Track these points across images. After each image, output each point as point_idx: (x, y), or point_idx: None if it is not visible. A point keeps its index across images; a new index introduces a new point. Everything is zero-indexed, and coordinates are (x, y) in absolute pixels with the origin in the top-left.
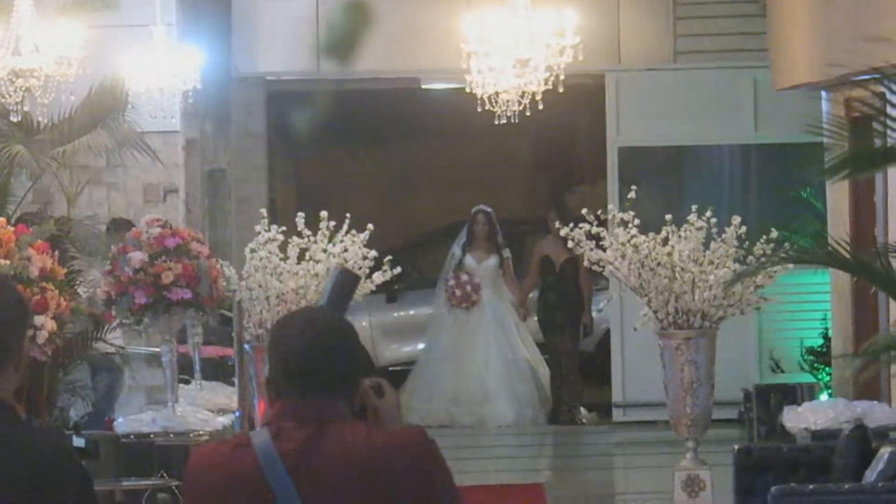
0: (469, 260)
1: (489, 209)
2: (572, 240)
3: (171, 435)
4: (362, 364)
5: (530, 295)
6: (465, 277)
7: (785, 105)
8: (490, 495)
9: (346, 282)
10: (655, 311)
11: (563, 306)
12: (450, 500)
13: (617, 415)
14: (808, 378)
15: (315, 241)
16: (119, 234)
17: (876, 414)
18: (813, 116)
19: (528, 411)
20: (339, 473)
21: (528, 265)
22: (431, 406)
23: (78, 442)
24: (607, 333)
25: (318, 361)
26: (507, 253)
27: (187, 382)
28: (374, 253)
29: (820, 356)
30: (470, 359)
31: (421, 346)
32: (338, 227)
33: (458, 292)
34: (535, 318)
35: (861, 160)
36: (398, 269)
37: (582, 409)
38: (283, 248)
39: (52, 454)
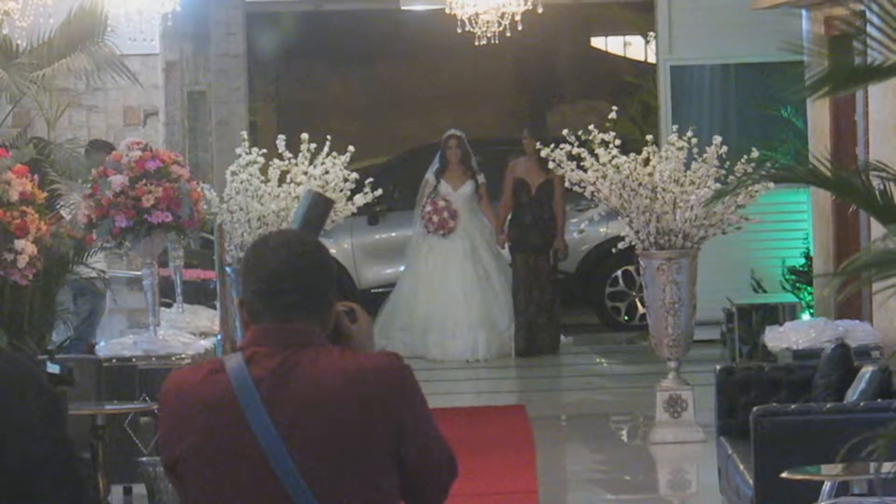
0: (444, 187)
1: (461, 133)
2: (553, 161)
3: (153, 358)
4: (336, 286)
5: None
6: (442, 203)
7: (765, 23)
8: (470, 417)
9: (319, 206)
10: (637, 232)
11: (538, 229)
12: (424, 426)
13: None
14: (789, 298)
15: (296, 164)
16: (98, 155)
17: (858, 333)
18: (793, 35)
19: (507, 342)
20: (313, 398)
21: (502, 188)
22: (406, 335)
23: (52, 368)
24: (588, 254)
25: (292, 282)
26: (482, 178)
27: (169, 306)
28: (354, 175)
29: (801, 276)
30: (447, 288)
31: (403, 267)
32: (318, 150)
33: (434, 218)
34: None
35: (842, 77)
36: (379, 191)
37: (561, 336)
38: (263, 170)
39: (14, 376)
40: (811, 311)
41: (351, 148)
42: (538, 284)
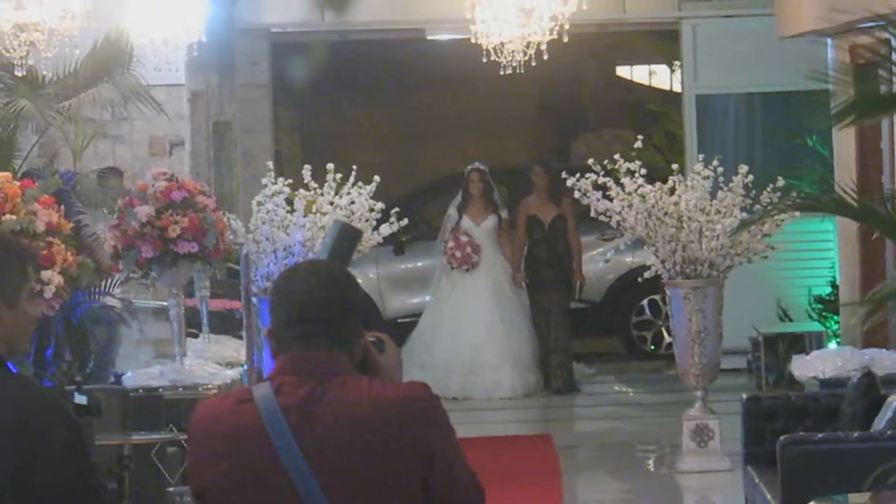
0: (466, 222)
1: (484, 167)
2: (578, 190)
3: (180, 388)
4: (364, 316)
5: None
6: (464, 238)
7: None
8: (497, 446)
9: (347, 236)
10: (663, 261)
11: (553, 265)
12: (452, 456)
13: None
14: (816, 326)
15: (322, 194)
16: (109, 182)
17: (884, 361)
18: (818, 63)
19: (531, 377)
20: (341, 428)
21: (515, 227)
22: (426, 373)
23: (80, 399)
24: (614, 283)
25: (320, 311)
26: (505, 213)
27: (195, 336)
28: (380, 205)
29: (828, 304)
30: (470, 325)
31: (428, 297)
32: (344, 179)
33: (457, 253)
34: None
35: (867, 105)
36: (405, 221)
37: (577, 365)
38: (289, 200)
39: (37, 406)
40: (837, 339)
41: (377, 178)
42: (552, 323)
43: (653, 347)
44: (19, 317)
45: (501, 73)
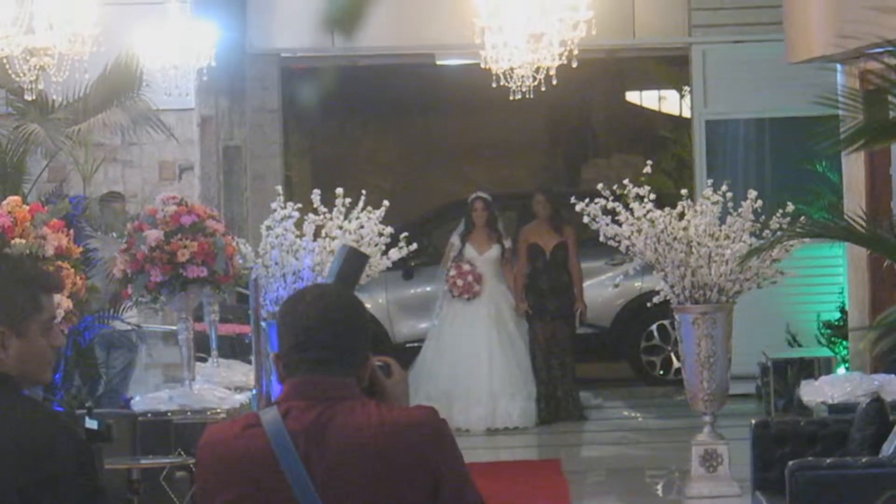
0: (470, 251)
1: (487, 196)
2: (587, 215)
3: (189, 413)
4: (370, 340)
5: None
6: (466, 267)
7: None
8: (506, 471)
9: (353, 261)
10: (672, 286)
11: (555, 294)
12: (461, 481)
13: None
14: (825, 352)
15: (331, 218)
16: (111, 207)
17: (893, 387)
18: (828, 89)
19: (531, 407)
20: (349, 452)
21: (516, 256)
22: (432, 404)
23: (91, 424)
24: (623, 308)
25: (327, 336)
26: (508, 243)
27: (204, 360)
28: (389, 229)
29: (837, 329)
30: (471, 355)
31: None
32: (353, 204)
33: (459, 282)
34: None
35: (876, 131)
36: (414, 246)
37: (583, 394)
38: (298, 224)
39: (44, 430)
40: (846, 364)
41: (386, 202)
42: (557, 352)
43: (661, 373)
44: (30, 347)
45: (511, 98)
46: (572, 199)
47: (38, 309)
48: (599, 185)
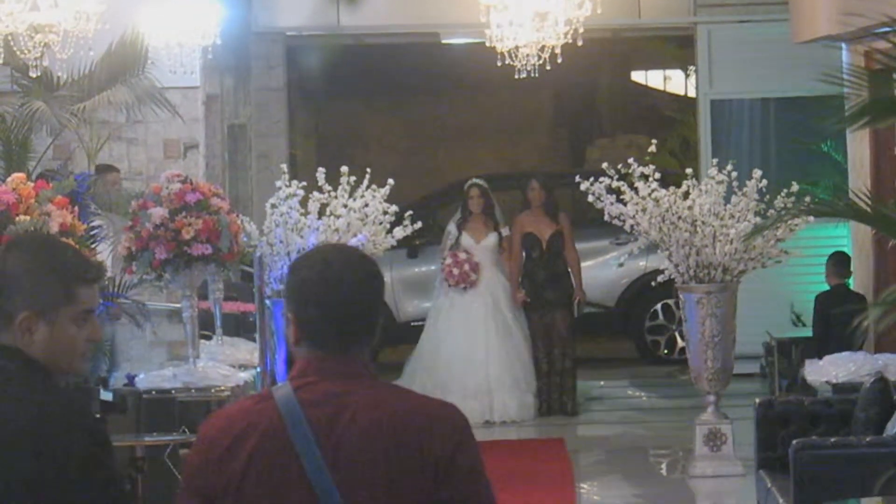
0: (466, 239)
1: (483, 182)
2: (592, 194)
3: (193, 390)
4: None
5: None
6: (462, 256)
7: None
8: (510, 450)
9: None
10: (676, 265)
11: (553, 284)
12: (475, 473)
13: None
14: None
15: (336, 197)
16: (104, 178)
17: None
18: (833, 68)
19: (529, 399)
20: (364, 432)
21: (510, 245)
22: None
23: (105, 395)
24: (628, 288)
25: (361, 310)
26: (506, 231)
27: (208, 338)
28: (394, 208)
29: None
30: (468, 346)
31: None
32: (358, 182)
33: (455, 271)
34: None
35: (881, 108)
36: (419, 224)
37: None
38: (303, 202)
39: (59, 409)
40: None
41: (390, 181)
42: (556, 343)
43: (666, 352)
44: (59, 335)
45: (516, 77)
46: (577, 178)
47: (70, 299)
48: (604, 165)
